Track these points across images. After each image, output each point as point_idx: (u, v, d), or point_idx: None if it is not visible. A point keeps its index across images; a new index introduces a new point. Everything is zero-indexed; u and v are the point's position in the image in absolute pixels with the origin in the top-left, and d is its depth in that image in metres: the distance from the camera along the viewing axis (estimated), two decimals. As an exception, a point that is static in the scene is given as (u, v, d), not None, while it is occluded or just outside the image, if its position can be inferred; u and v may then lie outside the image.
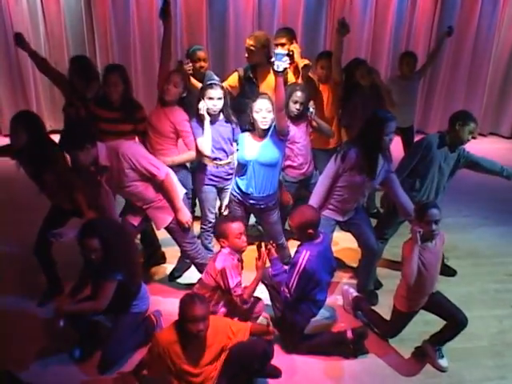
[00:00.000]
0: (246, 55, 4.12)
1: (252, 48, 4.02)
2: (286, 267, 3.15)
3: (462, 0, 7.22)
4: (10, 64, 6.94)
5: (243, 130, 3.66)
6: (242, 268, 3.19)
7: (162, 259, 4.14)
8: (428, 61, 5.73)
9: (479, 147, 7.44)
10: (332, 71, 4.25)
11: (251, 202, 3.57)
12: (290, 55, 4.12)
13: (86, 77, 3.80)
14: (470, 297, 3.84)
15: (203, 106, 3.53)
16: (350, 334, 3.17)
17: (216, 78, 4.22)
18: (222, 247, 3.07)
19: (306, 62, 4.12)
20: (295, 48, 4.20)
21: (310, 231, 3.01)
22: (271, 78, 4.02)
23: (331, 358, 3.18)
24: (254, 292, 3.05)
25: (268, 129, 3.45)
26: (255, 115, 3.41)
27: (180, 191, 3.39)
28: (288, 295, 3.02)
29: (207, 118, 3.55)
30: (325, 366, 3.12)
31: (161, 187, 3.28)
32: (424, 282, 2.99)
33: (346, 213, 3.54)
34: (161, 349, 2.59)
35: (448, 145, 3.67)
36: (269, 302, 3.34)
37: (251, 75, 4.08)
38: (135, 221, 3.41)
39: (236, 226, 3.05)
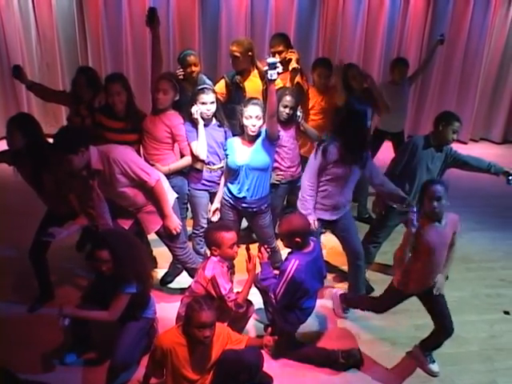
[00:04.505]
0: (231, 61, 4.08)
1: (236, 54, 3.97)
2: (276, 272, 3.14)
3: (453, 7, 7.28)
4: (1, 67, 6.90)
5: (234, 135, 3.66)
6: (234, 273, 3.18)
7: (153, 264, 4.12)
8: (420, 68, 5.78)
9: (470, 153, 7.40)
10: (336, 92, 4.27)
11: (244, 205, 3.56)
12: (285, 62, 4.12)
13: (93, 88, 3.84)
14: (461, 301, 3.84)
15: (197, 109, 3.53)
16: (341, 359, 3.13)
17: (208, 81, 4.21)
18: (212, 255, 3.04)
19: (295, 65, 4.11)
20: (293, 55, 4.18)
21: (298, 240, 2.99)
22: (257, 82, 4.06)
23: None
24: (247, 295, 3.04)
25: (257, 135, 3.45)
26: (245, 121, 3.41)
27: (170, 197, 3.38)
28: (274, 301, 3.01)
29: (201, 122, 3.55)
30: (316, 373, 3.11)
31: (151, 193, 3.27)
32: (427, 261, 2.94)
33: (335, 210, 3.49)
34: (165, 349, 2.58)
35: (433, 145, 3.68)
36: (261, 306, 3.33)
37: (238, 81, 4.06)
38: (126, 224, 3.39)
39: (230, 236, 3.00)
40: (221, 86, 4.12)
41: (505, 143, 8.07)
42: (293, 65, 4.09)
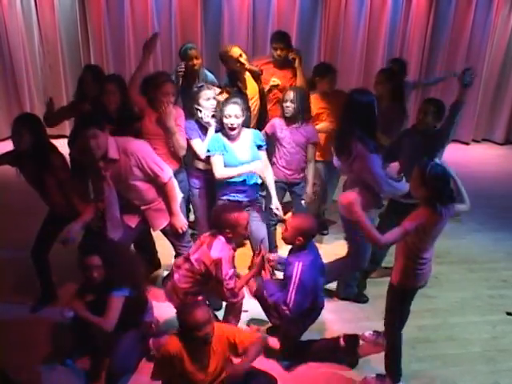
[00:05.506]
0: (239, 64, 4.14)
1: (243, 58, 4.11)
2: (277, 279, 3.12)
3: (456, 7, 7.27)
4: (4, 68, 6.92)
5: None
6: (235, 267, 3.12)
7: (158, 266, 4.13)
8: (422, 85, 5.71)
9: (473, 153, 7.53)
10: None
11: (245, 195, 3.54)
12: (286, 61, 4.37)
13: (99, 84, 3.85)
14: (463, 302, 3.84)
15: (207, 114, 3.54)
16: (342, 342, 3.15)
17: (210, 75, 4.36)
18: (225, 237, 2.96)
19: (277, 81, 4.32)
20: (297, 56, 4.35)
21: (301, 239, 2.98)
22: (253, 83, 4.25)
23: (325, 366, 3.18)
24: (244, 286, 3.03)
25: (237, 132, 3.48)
26: (224, 120, 3.41)
27: (178, 196, 3.40)
28: (288, 312, 2.92)
29: (213, 125, 3.57)
30: (319, 374, 3.12)
31: (162, 190, 3.30)
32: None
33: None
34: (172, 353, 2.51)
35: (418, 131, 3.72)
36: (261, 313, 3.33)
37: (241, 88, 4.15)
38: (132, 222, 3.38)
39: (244, 216, 2.99)
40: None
41: (507, 144, 8.06)
42: (275, 82, 4.35)
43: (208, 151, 3.49)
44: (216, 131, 3.58)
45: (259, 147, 3.59)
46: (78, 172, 3.50)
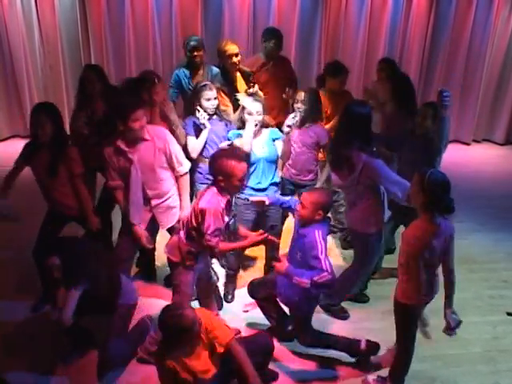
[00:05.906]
0: (231, 63, 4.37)
1: (236, 59, 4.35)
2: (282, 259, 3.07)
3: (456, 8, 7.26)
4: (4, 68, 6.92)
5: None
6: (230, 206, 3.01)
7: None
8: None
9: (473, 153, 7.53)
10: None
11: (265, 194, 3.52)
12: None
13: (103, 82, 3.88)
14: (463, 303, 3.81)
15: (204, 116, 3.59)
16: (363, 346, 3.14)
17: (215, 69, 4.51)
18: (217, 185, 2.84)
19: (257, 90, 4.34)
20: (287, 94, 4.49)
21: (321, 213, 2.89)
22: (241, 81, 4.47)
23: (327, 365, 3.20)
24: (228, 249, 3.06)
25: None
26: (247, 117, 3.48)
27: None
28: (330, 276, 2.74)
29: (208, 127, 3.61)
30: (320, 370, 3.14)
31: (178, 181, 3.38)
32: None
33: None
34: (171, 367, 2.51)
35: (417, 134, 3.74)
36: (260, 314, 3.35)
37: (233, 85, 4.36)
38: (142, 225, 3.36)
39: (241, 167, 2.82)
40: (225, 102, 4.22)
41: (507, 144, 8.05)
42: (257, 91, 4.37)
43: (228, 139, 3.60)
44: (238, 129, 3.64)
45: (275, 140, 3.65)
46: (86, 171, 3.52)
